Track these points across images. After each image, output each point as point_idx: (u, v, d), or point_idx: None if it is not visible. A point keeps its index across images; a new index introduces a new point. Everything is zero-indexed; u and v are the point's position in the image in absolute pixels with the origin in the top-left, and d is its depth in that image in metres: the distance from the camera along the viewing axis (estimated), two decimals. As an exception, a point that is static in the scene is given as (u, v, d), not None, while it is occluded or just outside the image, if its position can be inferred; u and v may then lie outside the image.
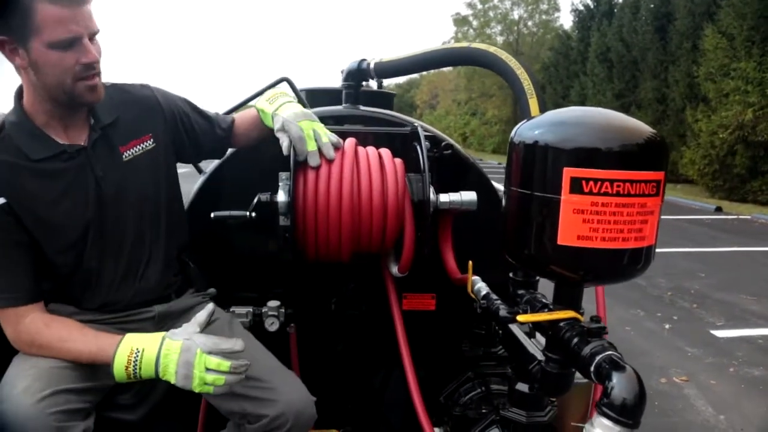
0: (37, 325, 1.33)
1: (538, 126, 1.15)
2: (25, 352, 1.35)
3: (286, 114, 1.51)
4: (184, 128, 1.61)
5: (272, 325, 1.80)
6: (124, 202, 1.45)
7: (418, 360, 1.62)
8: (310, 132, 1.48)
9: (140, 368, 1.27)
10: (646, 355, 4.12)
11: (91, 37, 1.30)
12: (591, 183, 1.03)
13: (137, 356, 1.27)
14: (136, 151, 1.48)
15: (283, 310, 1.82)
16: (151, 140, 1.52)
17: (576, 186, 1.04)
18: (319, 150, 1.48)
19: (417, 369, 1.59)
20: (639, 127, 1.09)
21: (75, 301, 1.45)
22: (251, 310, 1.82)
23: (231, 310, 1.79)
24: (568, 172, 1.04)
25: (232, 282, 1.85)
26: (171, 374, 1.27)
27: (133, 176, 1.47)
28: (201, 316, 1.39)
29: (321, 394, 1.58)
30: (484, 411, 1.64)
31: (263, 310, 1.81)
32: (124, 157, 1.46)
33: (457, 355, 1.91)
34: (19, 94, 1.37)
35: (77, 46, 1.27)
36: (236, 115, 1.75)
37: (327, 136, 1.51)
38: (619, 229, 1.05)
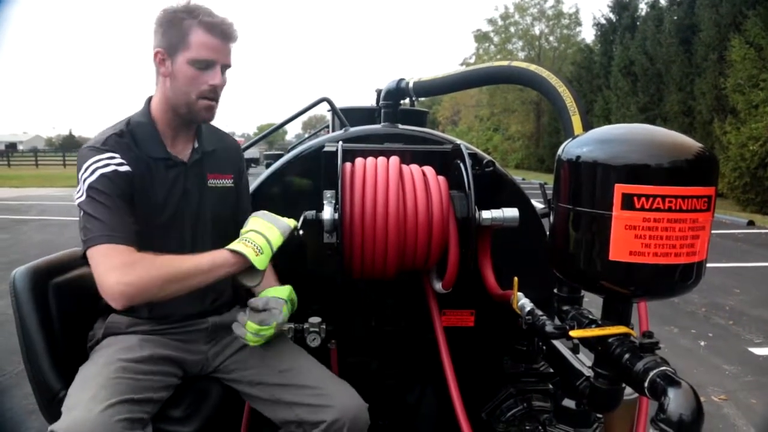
0: (133, 253, 1.39)
1: (586, 143, 1.16)
2: (114, 292, 1.35)
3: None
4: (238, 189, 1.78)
5: (314, 341, 1.82)
6: (200, 218, 1.63)
7: (458, 376, 1.63)
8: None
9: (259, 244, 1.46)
10: (682, 372, 3.93)
11: (224, 68, 1.55)
12: (643, 199, 1.04)
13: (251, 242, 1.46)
14: (217, 183, 1.70)
15: (324, 326, 1.84)
16: (231, 180, 1.74)
17: (628, 202, 1.05)
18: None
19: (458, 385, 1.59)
20: (687, 142, 1.10)
21: (135, 310, 1.53)
22: (293, 326, 1.84)
23: None
24: (620, 189, 1.05)
25: None
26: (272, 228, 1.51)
27: (210, 201, 1.66)
28: None
29: None
30: (527, 428, 1.63)
31: (305, 326, 1.83)
32: (209, 183, 1.67)
33: (497, 371, 1.91)
34: (149, 100, 1.61)
35: (210, 70, 1.51)
36: None
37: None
38: (671, 244, 1.06)
